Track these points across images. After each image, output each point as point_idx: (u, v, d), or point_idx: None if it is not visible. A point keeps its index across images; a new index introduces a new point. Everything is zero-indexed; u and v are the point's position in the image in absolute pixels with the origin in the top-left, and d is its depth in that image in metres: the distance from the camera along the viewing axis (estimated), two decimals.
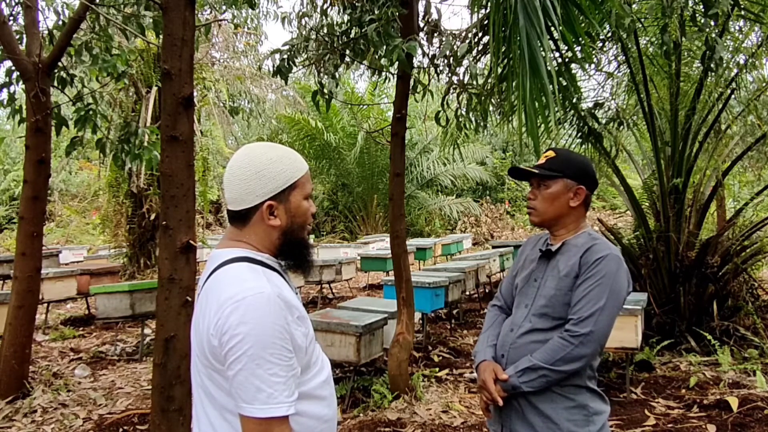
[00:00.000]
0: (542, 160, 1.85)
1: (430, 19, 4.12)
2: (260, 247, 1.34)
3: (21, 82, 4.39)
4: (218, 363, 1.22)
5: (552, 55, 2.58)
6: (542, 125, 2.61)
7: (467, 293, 7.32)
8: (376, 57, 4.16)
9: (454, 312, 6.92)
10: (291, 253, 1.37)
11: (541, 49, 2.43)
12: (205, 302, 1.27)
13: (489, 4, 3.63)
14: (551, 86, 2.42)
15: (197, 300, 1.34)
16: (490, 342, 1.90)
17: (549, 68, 2.45)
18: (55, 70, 4.44)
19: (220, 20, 8.92)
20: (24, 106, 4.43)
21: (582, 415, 1.71)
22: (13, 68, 4.36)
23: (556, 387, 1.72)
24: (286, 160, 1.33)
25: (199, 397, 1.32)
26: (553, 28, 2.62)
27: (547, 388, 1.71)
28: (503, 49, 2.77)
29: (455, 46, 4.15)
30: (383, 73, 4.42)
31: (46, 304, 6.78)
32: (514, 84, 3.09)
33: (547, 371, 1.68)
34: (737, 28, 5.55)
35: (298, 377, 1.25)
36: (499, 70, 3.72)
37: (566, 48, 3.40)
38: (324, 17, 4.18)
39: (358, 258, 9.24)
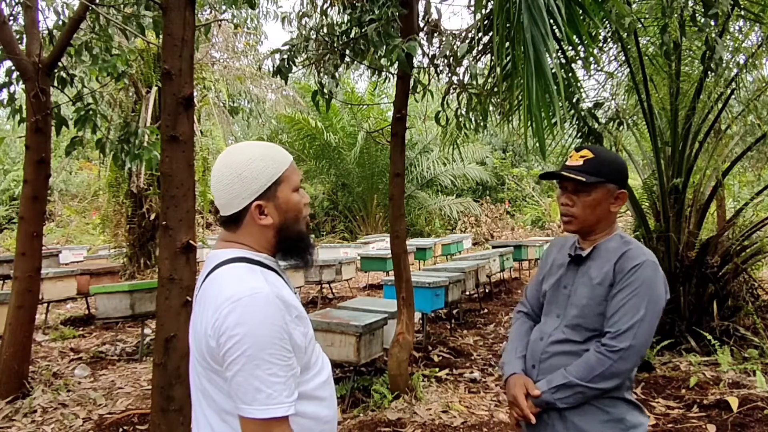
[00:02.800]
0: (578, 161, 1.68)
1: (430, 19, 4.12)
2: (257, 247, 1.32)
3: (21, 82, 4.39)
4: (216, 364, 1.21)
5: (555, 54, 2.57)
6: (547, 125, 2.60)
7: (467, 293, 7.32)
8: (376, 57, 4.16)
9: (454, 312, 6.92)
10: (290, 249, 1.35)
11: (546, 49, 2.42)
12: (203, 303, 1.26)
13: (491, 3, 3.63)
14: (556, 86, 2.42)
15: (195, 301, 1.34)
16: (518, 353, 1.79)
17: (554, 69, 2.44)
18: (55, 70, 4.44)
19: (220, 20, 8.91)
20: (24, 106, 4.43)
21: (618, 429, 1.61)
22: (13, 68, 4.36)
23: (593, 399, 1.62)
24: (267, 156, 1.30)
25: (197, 399, 1.32)
26: (555, 28, 2.62)
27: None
28: (506, 49, 2.77)
29: (455, 46, 4.15)
30: (383, 73, 4.42)
31: (46, 304, 6.78)
32: (516, 83, 3.08)
33: (584, 388, 1.59)
34: (737, 28, 5.55)
35: (298, 377, 1.24)
36: (501, 70, 3.72)
37: (569, 47, 3.40)
38: (324, 17, 4.18)
39: (358, 258, 9.23)
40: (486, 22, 4.02)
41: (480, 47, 4.32)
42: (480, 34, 4.18)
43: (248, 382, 1.15)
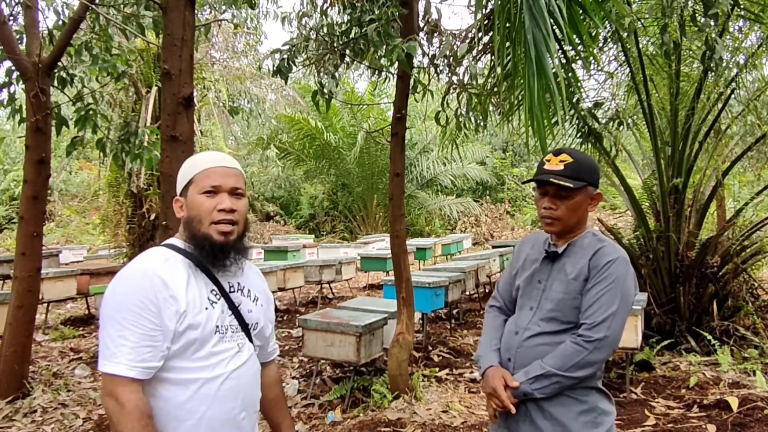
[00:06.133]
0: (558, 165, 1.73)
1: (430, 19, 4.12)
2: (184, 238, 1.48)
3: (21, 82, 4.39)
4: None
5: (556, 54, 2.57)
6: (547, 125, 2.60)
7: (467, 293, 7.32)
8: (376, 57, 4.16)
9: (454, 312, 6.92)
10: (195, 245, 1.45)
11: (547, 49, 2.42)
12: None
13: (491, 3, 3.63)
14: (556, 86, 2.41)
15: None
16: (494, 346, 1.85)
17: (554, 69, 2.44)
18: (55, 70, 4.44)
19: (220, 20, 8.91)
20: (24, 106, 4.42)
21: (592, 416, 1.70)
22: (13, 68, 4.36)
23: (567, 390, 1.70)
24: (193, 162, 1.50)
25: None
26: (556, 28, 2.61)
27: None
28: (507, 49, 2.76)
29: (455, 46, 4.15)
30: (383, 73, 4.42)
31: (46, 304, 6.77)
32: (516, 83, 3.08)
33: (561, 378, 1.66)
34: (737, 28, 5.55)
35: (162, 351, 1.33)
36: (502, 70, 3.72)
37: (569, 47, 3.40)
38: (324, 17, 4.18)
39: (358, 258, 9.23)
40: (486, 22, 4.02)
41: (480, 47, 4.31)
42: (480, 34, 4.17)
43: (102, 338, 1.32)
